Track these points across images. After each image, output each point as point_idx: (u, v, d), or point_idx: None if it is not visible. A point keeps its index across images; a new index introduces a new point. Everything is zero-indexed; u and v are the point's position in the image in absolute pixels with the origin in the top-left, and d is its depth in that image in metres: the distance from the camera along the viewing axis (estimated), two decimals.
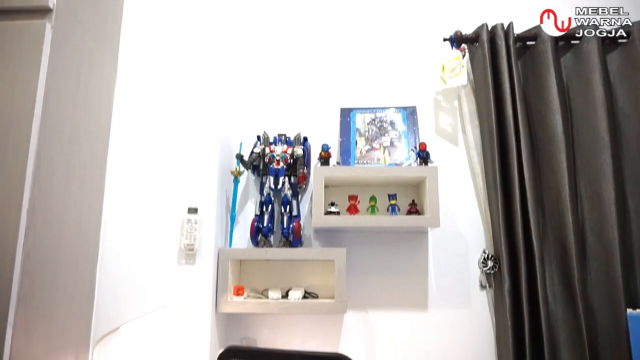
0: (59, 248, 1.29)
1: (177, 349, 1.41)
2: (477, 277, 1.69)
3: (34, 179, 1.19)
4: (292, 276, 1.67)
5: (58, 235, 1.29)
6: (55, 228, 1.28)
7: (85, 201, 1.43)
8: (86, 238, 1.43)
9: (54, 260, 1.27)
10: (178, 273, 1.47)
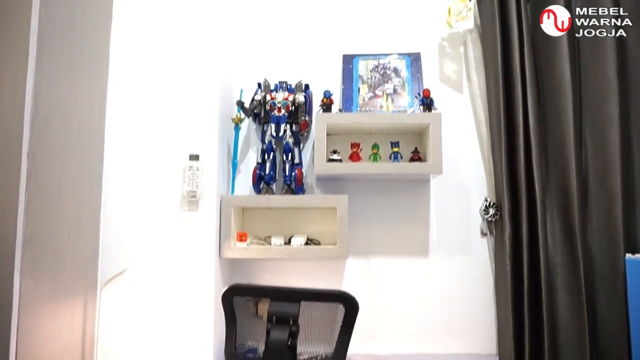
0: (61, 192, 1.30)
1: (182, 292, 1.44)
2: (478, 225, 1.70)
3: (32, 122, 1.17)
4: (295, 224, 1.68)
5: (59, 180, 1.29)
6: (56, 173, 1.28)
7: (85, 147, 1.42)
8: (88, 184, 1.44)
9: (57, 205, 1.28)
10: (181, 219, 1.48)
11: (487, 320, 1.66)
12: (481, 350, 1.65)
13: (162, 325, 1.44)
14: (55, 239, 1.28)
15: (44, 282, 1.22)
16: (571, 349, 1.50)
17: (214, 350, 1.44)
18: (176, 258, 1.46)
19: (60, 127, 1.29)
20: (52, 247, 1.26)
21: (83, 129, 1.41)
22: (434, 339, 1.66)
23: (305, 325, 0.88)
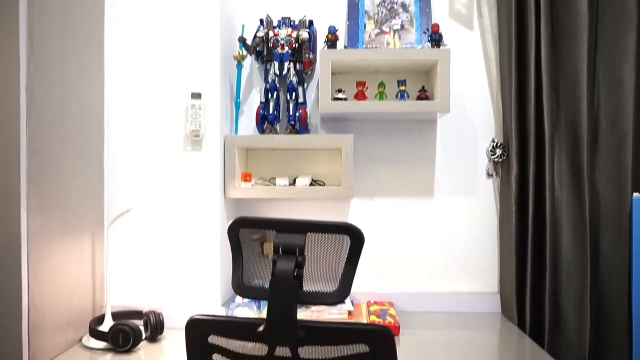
0: (63, 130, 1.28)
1: (188, 232, 1.46)
2: (484, 166, 1.69)
3: (29, 59, 1.14)
4: (299, 166, 1.67)
5: (61, 116, 1.27)
6: (57, 109, 1.26)
7: (85, 85, 1.39)
8: (90, 121, 1.42)
9: (60, 141, 1.27)
10: (185, 159, 1.46)
11: (490, 260, 1.68)
12: (483, 289, 1.68)
13: (169, 264, 1.46)
14: (60, 178, 1.27)
15: (51, 220, 1.23)
16: (572, 287, 1.52)
17: (221, 290, 1.48)
18: (181, 198, 1.46)
19: (58, 62, 1.26)
20: (57, 186, 1.26)
21: (82, 66, 1.38)
22: (437, 279, 1.68)
23: (311, 256, 0.88)
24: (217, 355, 0.94)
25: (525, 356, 1.25)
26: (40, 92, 1.18)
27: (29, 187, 1.14)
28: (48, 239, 1.21)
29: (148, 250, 1.47)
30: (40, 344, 1.16)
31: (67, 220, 1.30)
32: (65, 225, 1.29)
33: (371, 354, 0.88)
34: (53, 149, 1.24)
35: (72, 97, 1.33)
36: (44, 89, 1.20)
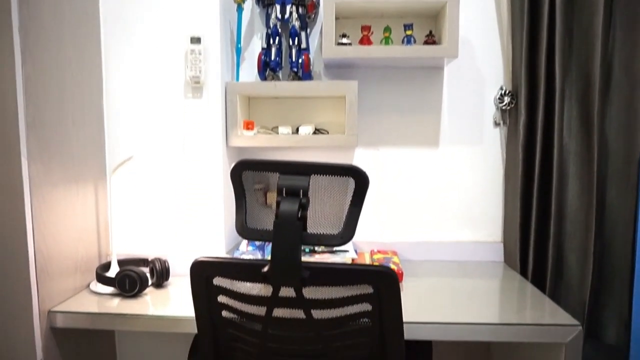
0: (60, 76, 1.24)
1: (190, 181, 1.45)
2: (491, 115, 1.65)
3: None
4: (302, 114, 1.64)
5: (57, 63, 1.23)
6: (53, 55, 1.22)
7: (81, 31, 1.34)
8: (88, 68, 1.38)
9: (58, 90, 1.24)
10: (185, 107, 1.43)
11: (494, 210, 1.67)
12: (486, 239, 1.68)
13: (173, 213, 1.46)
14: (60, 126, 1.25)
15: (52, 168, 1.22)
16: (576, 236, 1.52)
17: (225, 238, 1.48)
18: (183, 146, 1.44)
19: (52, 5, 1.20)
20: (57, 134, 1.24)
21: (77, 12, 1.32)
22: (440, 228, 1.69)
23: (315, 198, 0.87)
24: (222, 296, 0.95)
25: (526, 300, 1.27)
26: (35, 36, 1.14)
27: (28, 134, 1.12)
28: (50, 186, 1.21)
29: (151, 198, 1.47)
30: (49, 288, 1.18)
31: (68, 168, 1.29)
32: (67, 173, 1.28)
33: (375, 294, 0.88)
34: (51, 96, 1.21)
35: (69, 44, 1.28)
36: (38, 32, 1.16)
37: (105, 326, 1.16)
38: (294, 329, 0.93)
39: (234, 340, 1.00)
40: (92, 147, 1.41)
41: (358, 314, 0.90)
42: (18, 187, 1.11)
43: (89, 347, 1.38)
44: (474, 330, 1.08)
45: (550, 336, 1.08)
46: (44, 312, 1.16)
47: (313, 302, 0.87)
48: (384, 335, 0.93)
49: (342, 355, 0.96)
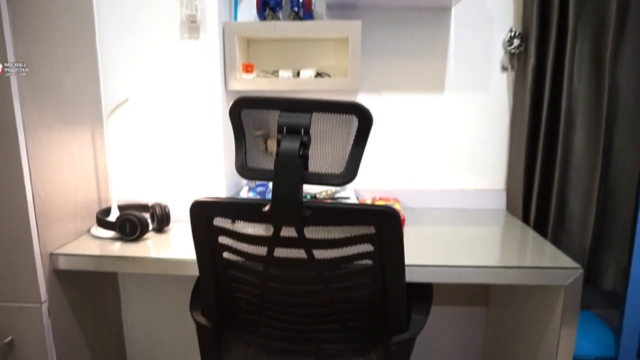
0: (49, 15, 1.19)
1: (189, 124, 1.42)
2: (499, 60, 1.59)
3: None
4: (303, 57, 1.58)
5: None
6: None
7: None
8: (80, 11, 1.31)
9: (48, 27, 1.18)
10: (182, 48, 1.38)
11: (498, 157, 1.65)
12: (489, 186, 1.67)
13: (172, 158, 1.44)
14: (52, 68, 1.20)
15: (46, 110, 1.18)
16: (580, 183, 1.50)
17: (225, 183, 1.47)
18: (180, 90, 1.40)
19: None
20: (50, 77, 1.20)
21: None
22: (443, 175, 1.67)
23: (317, 137, 0.84)
24: (223, 237, 0.94)
25: (528, 245, 1.27)
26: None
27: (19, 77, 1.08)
28: (45, 129, 1.18)
29: (150, 144, 1.44)
30: (49, 231, 1.18)
31: (63, 111, 1.25)
32: (62, 116, 1.25)
33: (377, 235, 0.87)
34: (40, 35, 1.15)
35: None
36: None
37: (108, 268, 1.17)
38: (295, 269, 0.92)
39: (235, 282, 1.00)
40: (87, 90, 1.37)
41: (360, 254, 0.89)
42: (11, 129, 1.08)
43: (92, 289, 1.40)
44: (474, 272, 1.09)
45: (550, 279, 1.08)
46: (46, 255, 1.16)
47: (314, 242, 0.87)
48: (385, 276, 0.92)
49: (343, 297, 0.96)
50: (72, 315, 1.29)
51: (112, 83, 1.41)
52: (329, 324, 1.00)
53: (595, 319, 1.58)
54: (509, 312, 1.49)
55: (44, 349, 1.18)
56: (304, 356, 1.04)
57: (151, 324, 1.59)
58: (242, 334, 1.07)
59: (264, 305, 1.00)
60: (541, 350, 1.23)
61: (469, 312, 1.73)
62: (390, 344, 0.99)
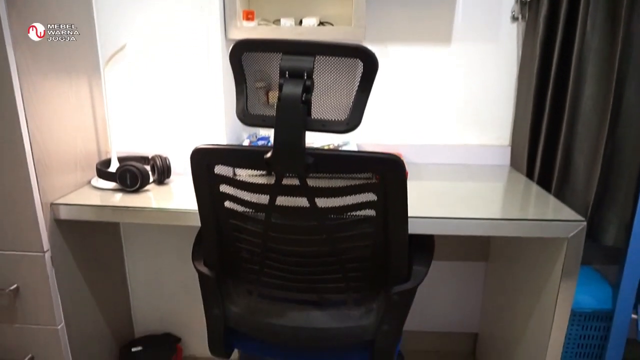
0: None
1: (188, 74, 1.38)
2: (509, 9, 1.53)
3: None
4: (306, 5, 1.52)
5: None
6: None
7: None
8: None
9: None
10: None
11: (504, 112, 1.62)
12: (494, 142, 1.64)
13: (171, 109, 1.41)
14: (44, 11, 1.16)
15: (40, 56, 1.14)
16: (587, 138, 1.48)
17: (226, 136, 1.44)
18: (179, 37, 1.35)
19: None
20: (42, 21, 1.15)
21: None
22: (447, 130, 1.64)
23: (320, 81, 0.81)
24: (224, 185, 0.93)
25: (531, 198, 1.26)
26: None
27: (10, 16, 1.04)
28: (40, 76, 1.14)
29: (148, 94, 1.41)
30: (49, 181, 1.17)
31: (58, 59, 1.21)
32: (57, 64, 1.21)
33: (380, 183, 0.86)
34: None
35: None
36: None
37: (109, 218, 1.16)
38: (297, 218, 0.92)
39: (237, 232, 1.00)
40: (82, 37, 1.32)
41: (362, 203, 0.88)
42: (6, 76, 1.05)
43: (94, 239, 1.40)
44: (476, 224, 1.08)
45: (553, 231, 1.08)
46: (47, 204, 1.16)
47: (317, 190, 0.85)
48: (388, 226, 0.92)
49: (345, 247, 0.96)
50: (75, 264, 1.30)
51: (108, 31, 1.37)
52: (330, 274, 1.00)
53: (594, 274, 1.60)
54: (509, 267, 1.50)
55: (49, 297, 1.19)
56: (305, 305, 1.06)
57: (154, 275, 1.61)
58: (244, 283, 1.07)
59: (265, 255, 1.00)
60: (540, 303, 1.25)
61: (469, 267, 1.75)
62: (392, 293, 1.00)
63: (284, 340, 1.08)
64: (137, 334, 1.68)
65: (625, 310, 1.36)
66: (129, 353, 1.53)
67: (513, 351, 1.44)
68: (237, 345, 1.16)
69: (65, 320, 1.24)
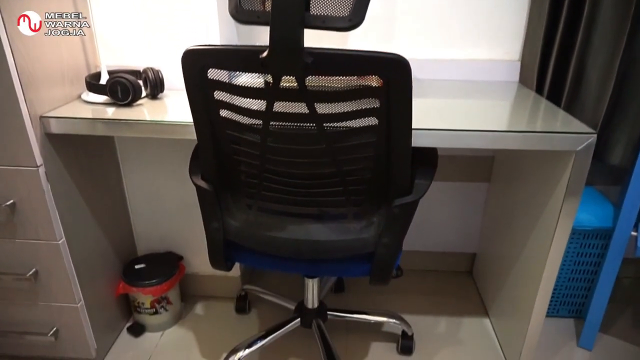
0: None
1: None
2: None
3: None
4: None
5: None
6: None
7: None
8: None
9: None
10: None
11: (515, 25, 1.52)
12: (503, 57, 1.56)
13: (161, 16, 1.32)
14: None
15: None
16: (602, 51, 1.39)
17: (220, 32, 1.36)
18: None
19: None
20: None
21: None
22: (453, 44, 1.55)
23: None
24: (219, 92, 0.88)
25: (539, 112, 1.21)
26: None
27: None
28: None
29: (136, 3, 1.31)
30: (36, 93, 1.11)
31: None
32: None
33: (384, 85, 0.81)
34: None
35: None
36: None
37: (101, 132, 1.12)
38: (297, 126, 0.88)
39: (234, 144, 0.96)
40: None
41: (365, 110, 0.84)
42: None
43: (89, 153, 1.37)
44: (482, 137, 1.04)
45: (561, 144, 1.04)
46: (35, 117, 1.11)
47: (316, 94, 0.81)
48: (391, 135, 0.88)
49: (346, 157, 0.93)
50: (72, 181, 1.28)
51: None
52: (331, 187, 0.98)
53: (595, 194, 1.59)
54: (511, 187, 1.49)
55: (47, 212, 1.18)
56: (305, 218, 1.05)
57: (154, 193, 1.59)
58: (244, 198, 1.06)
59: (264, 168, 0.97)
60: (541, 221, 1.24)
61: (470, 188, 1.73)
62: (393, 206, 0.98)
63: (284, 253, 1.08)
64: (140, 252, 1.70)
65: (625, 228, 1.35)
66: (133, 270, 1.56)
67: (510, 269, 1.46)
68: (237, 259, 1.17)
69: (65, 236, 1.24)
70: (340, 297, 1.78)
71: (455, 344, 1.55)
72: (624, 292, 1.81)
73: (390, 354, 1.51)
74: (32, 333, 1.35)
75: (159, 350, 1.53)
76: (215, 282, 1.73)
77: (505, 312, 1.51)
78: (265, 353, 1.49)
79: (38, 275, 1.27)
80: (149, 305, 1.54)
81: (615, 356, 1.50)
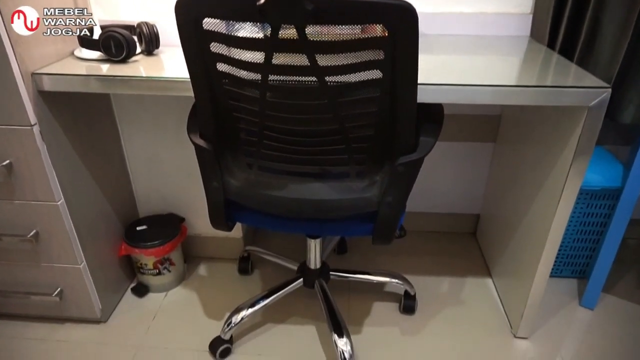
0: None
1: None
2: None
3: None
4: None
5: None
6: None
7: None
8: None
9: None
10: None
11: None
12: (514, 10, 1.49)
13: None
14: None
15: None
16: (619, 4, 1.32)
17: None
18: None
19: None
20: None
21: None
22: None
23: None
24: (215, 44, 0.84)
25: (551, 67, 1.16)
26: None
27: None
28: None
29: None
30: (27, 49, 1.07)
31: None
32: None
33: (389, 36, 0.77)
34: None
35: None
36: None
37: (96, 89, 1.08)
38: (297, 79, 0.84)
39: (233, 99, 0.93)
40: None
41: (368, 62, 0.80)
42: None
43: (85, 111, 1.33)
44: (490, 92, 0.99)
45: (573, 99, 1.00)
46: (27, 74, 1.07)
47: (317, 44, 0.76)
48: (395, 89, 0.84)
49: (349, 113, 0.89)
50: (68, 141, 1.25)
51: None
52: (333, 144, 0.95)
53: (604, 153, 1.55)
54: (518, 147, 1.45)
55: (44, 172, 1.16)
56: (306, 177, 1.02)
57: (153, 155, 1.56)
58: (243, 156, 1.03)
59: (264, 125, 0.94)
60: (548, 181, 1.21)
61: (475, 148, 1.70)
62: (397, 164, 0.95)
63: (286, 212, 1.07)
64: (142, 214, 1.69)
65: (634, 188, 1.32)
66: (135, 232, 1.55)
67: (514, 231, 1.44)
68: (238, 219, 1.16)
69: (64, 197, 1.22)
70: (343, 258, 1.78)
71: (457, 304, 1.55)
72: (629, 253, 1.80)
73: (393, 313, 1.51)
74: (36, 293, 1.36)
75: (163, 310, 1.54)
76: (218, 243, 1.73)
77: (508, 273, 1.51)
78: (269, 313, 1.51)
79: (39, 236, 1.27)
80: (152, 267, 1.55)
81: (617, 315, 1.51)
